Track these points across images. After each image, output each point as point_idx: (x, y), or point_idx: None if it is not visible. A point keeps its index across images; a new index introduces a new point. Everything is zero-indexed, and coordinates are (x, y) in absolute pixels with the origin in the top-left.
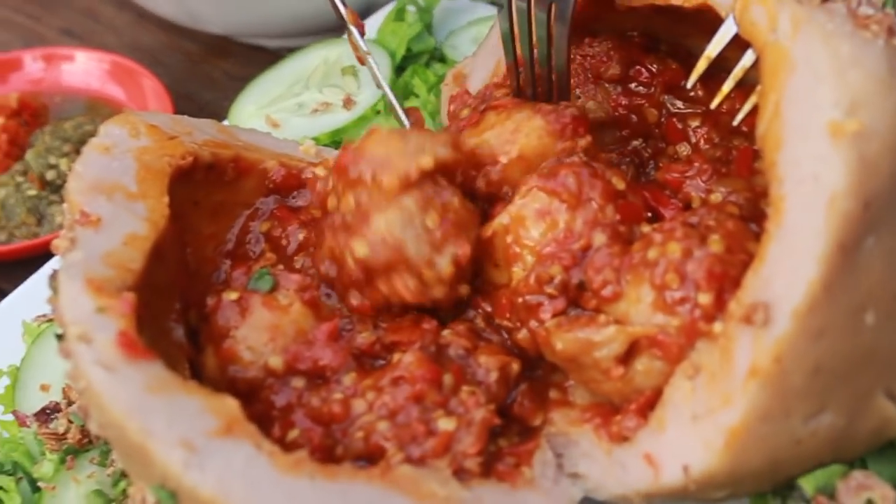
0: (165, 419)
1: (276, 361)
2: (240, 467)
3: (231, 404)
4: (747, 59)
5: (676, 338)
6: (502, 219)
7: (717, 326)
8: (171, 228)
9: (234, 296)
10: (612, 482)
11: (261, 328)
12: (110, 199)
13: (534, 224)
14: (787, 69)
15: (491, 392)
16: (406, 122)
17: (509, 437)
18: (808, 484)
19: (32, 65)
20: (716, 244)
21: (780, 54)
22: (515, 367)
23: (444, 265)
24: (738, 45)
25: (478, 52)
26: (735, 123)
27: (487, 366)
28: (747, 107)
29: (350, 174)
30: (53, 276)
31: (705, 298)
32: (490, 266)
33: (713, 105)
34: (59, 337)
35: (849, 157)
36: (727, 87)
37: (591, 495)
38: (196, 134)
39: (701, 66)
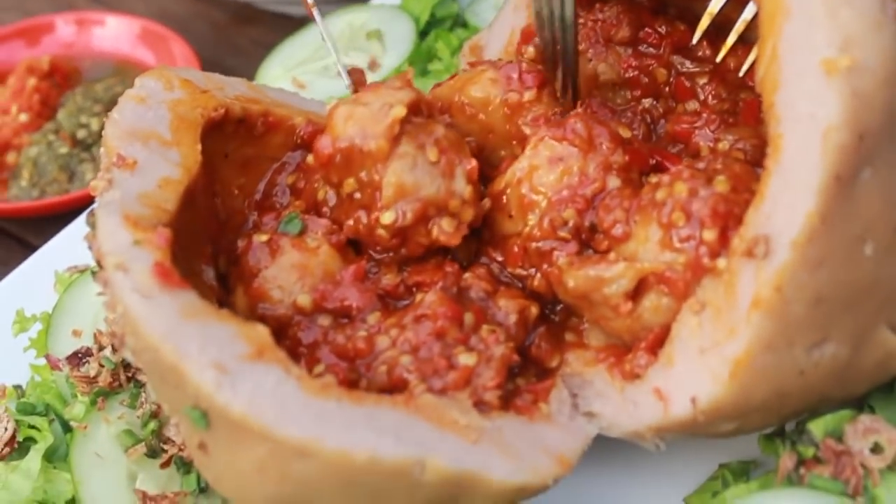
0: (199, 343)
1: (304, 300)
2: (270, 389)
3: (262, 331)
4: (748, 12)
5: (683, 274)
6: (515, 170)
7: (721, 262)
8: (203, 176)
9: (264, 238)
10: (625, 419)
11: (290, 268)
12: (146, 145)
13: (548, 171)
14: (783, 15)
15: (510, 334)
16: (347, 79)
17: (527, 377)
18: (817, 428)
19: (64, 28)
20: (721, 184)
21: (775, 3)
22: (534, 310)
23: (462, 186)
24: (741, 3)
25: (493, 24)
26: (741, 74)
27: (507, 309)
28: (751, 58)
29: (337, 161)
30: (91, 214)
31: (710, 235)
32: (504, 218)
33: (718, 58)
34: (95, 273)
35: (842, 91)
36: (731, 39)
37: (606, 433)
38: (227, 89)
39: (704, 22)
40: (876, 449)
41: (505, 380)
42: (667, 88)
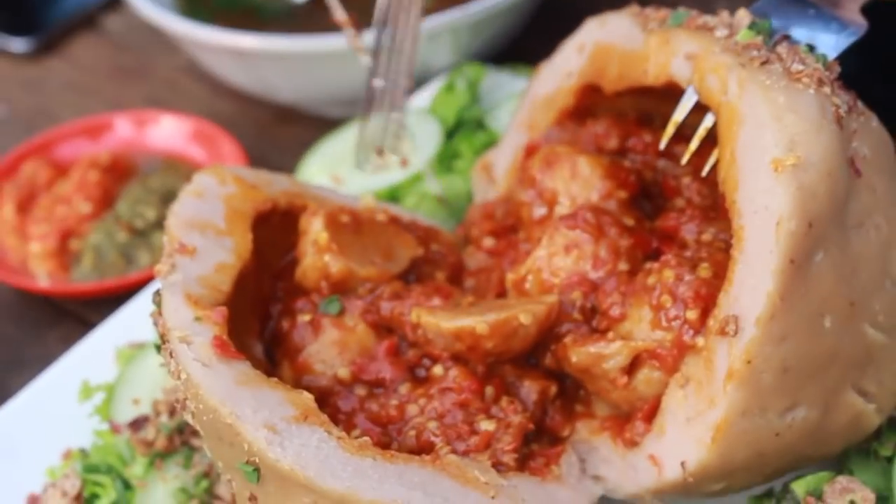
0: (252, 406)
1: (344, 372)
2: (314, 447)
3: (307, 397)
4: (708, 120)
5: (671, 351)
6: (535, 258)
7: (700, 340)
8: (253, 262)
9: (307, 318)
10: (627, 483)
11: (330, 345)
12: (203, 234)
13: (564, 257)
14: (738, 123)
15: (528, 410)
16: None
17: (540, 444)
18: (799, 488)
19: (123, 126)
20: (704, 270)
21: (731, 111)
22: (553, 389)
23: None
24: (704, 109)
25: (500, 144)
26: (703, 174)
27: (530, 388)
28: (712, 160)
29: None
30: (156, 293)
31: (692, 315)
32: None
33: (683, 161)
34: (159, 347)
35: (789, 186)
36: (693, 144)
37: (610, 495)
38: (273, 185)
39: (669, 130)
40: None
41: (521, 445)
42: (655, 189)
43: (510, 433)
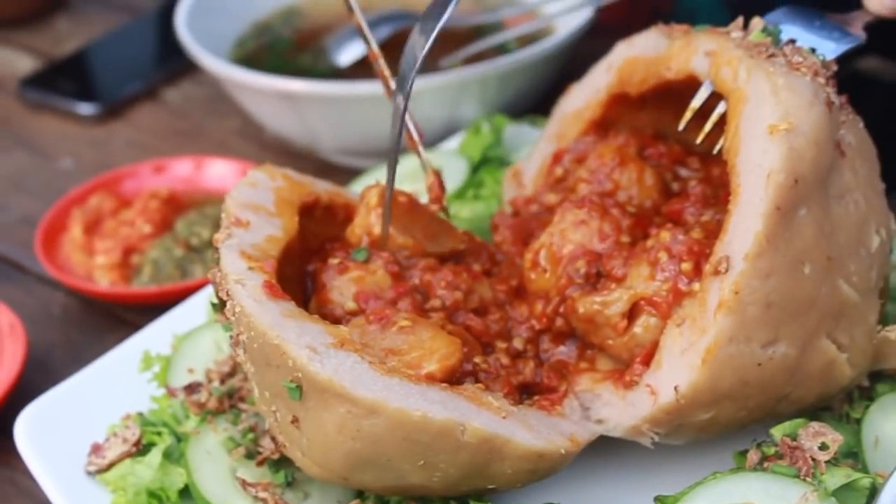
0: (296, 332)
1: (351, 304)
2: (349, 366)
3: (343, 329)
4: (721, 107)
5: (666, 298)
6: (549, 233)
7: (696, 286)
8: (298, 241)
9: (336, 260)
10: (626, 418)
11: (349, 281)
12: (256, 213)
13: (574, 232)
14: (743, 102)
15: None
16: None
17: (541, 394)
18: (777, 432)
19: (182, 167)
20: (696, 233)
21: (739, 94)
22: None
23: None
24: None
25: (529, 154)
26: (714, 152)
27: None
28: (722, 140)
29: None
30: (215, 251)
31: (686, 266)
32: (539, 273)
33: (698, 141)
34: (215, 305)
35: (781, 145)
36: (707, 126)
37: (610, 434)
38: (318, 185)
39: (687, 115)
40: (822, 447)
41: (513, 390)
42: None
43: (500, 381)
